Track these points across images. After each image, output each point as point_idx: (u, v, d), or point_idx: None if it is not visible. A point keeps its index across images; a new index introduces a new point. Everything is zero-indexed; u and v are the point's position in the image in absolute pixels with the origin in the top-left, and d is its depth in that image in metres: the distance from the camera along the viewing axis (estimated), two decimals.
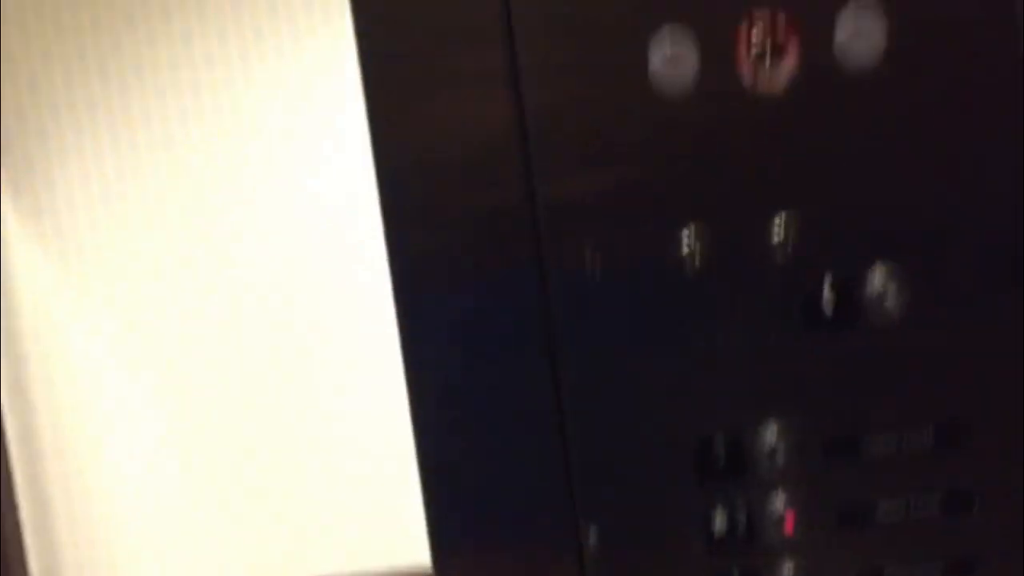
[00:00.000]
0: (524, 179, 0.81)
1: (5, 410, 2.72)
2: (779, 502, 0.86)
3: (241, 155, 2.74)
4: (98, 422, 2.76)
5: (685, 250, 0.82)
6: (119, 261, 2.75)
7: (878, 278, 0.83)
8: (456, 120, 0.82)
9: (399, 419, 1.03)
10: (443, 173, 0.82)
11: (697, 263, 0.83)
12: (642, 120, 0.81)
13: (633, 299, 0.84)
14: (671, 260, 0.83)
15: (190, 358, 2.75)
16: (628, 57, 0.81)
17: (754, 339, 0.84)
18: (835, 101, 0.81)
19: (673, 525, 0.88)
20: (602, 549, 0.87)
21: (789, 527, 0.87)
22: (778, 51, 0.81)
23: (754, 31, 0.81)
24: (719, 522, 0.87)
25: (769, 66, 0.81)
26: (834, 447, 0.86)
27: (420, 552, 0.91)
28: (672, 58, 0.81)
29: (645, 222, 0.83)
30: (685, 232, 0.83)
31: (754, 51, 0.81)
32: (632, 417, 0.85)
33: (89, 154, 2.74)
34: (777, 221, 0.83)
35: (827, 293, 0.83)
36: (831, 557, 0.88)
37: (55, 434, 2.76)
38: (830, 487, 0.87)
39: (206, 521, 2.78)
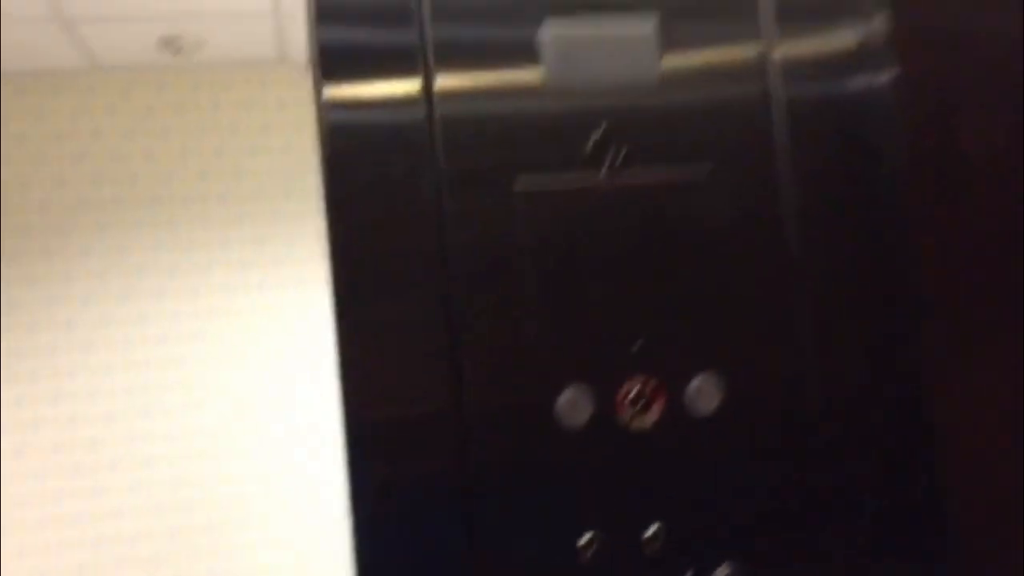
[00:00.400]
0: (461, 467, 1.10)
1: None
2: None
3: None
4: None
5: (582, 543, 1.10)
6: None
7: (725, 571, 1.11)
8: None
9: None
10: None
11: (589, 556, 1.10)
12: (549, 447, 1.12)
13: None
14: (569, 554, 1.10)
15: None
16: (540, 398, 1.13)
17: None
18: (688, 438, 1.13)
19: None
20: None
21: None
22: (648, 401, 1.14)
23: (633, 389, 1.15)
24: None
25: (641, 411, 1.14)
26: None
27: None
28: (573, 403, 1.13)
29: (550, 524, 1.11)
30: (583, 534, 1.11)
31: (631, 400, 1.14)
32: None
33: None
34: (652, 528, 1.12)
35: None
36: None
37: None
38: None
39: None
